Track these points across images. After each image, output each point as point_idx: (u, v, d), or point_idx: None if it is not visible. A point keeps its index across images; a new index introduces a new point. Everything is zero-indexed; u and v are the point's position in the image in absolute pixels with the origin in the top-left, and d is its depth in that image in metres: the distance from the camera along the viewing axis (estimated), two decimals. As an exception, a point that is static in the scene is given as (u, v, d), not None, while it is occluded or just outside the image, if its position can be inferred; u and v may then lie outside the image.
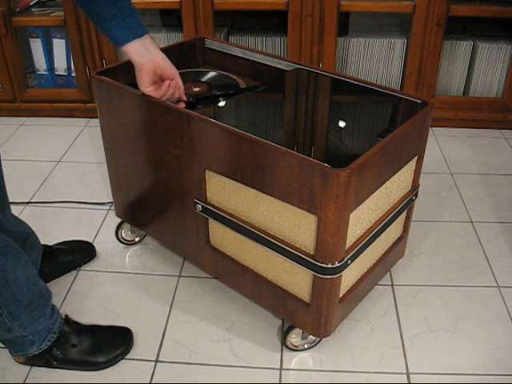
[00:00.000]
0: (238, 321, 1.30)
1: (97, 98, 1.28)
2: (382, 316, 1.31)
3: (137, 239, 1.55)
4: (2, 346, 1.19)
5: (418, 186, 1.28)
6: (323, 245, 1.01)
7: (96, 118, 1.37)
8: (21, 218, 1.34)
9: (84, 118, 2.24)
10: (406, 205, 1.25)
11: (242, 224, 1.14)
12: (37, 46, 2.16)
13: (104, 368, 1.18)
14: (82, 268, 1.46)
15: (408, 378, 1.17)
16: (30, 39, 2.15)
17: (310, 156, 0.96)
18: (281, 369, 1.19)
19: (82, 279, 1.42)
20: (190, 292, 1.38)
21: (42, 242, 1.39)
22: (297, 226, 1.05)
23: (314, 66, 1.36)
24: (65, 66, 2.20)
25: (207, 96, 1.25)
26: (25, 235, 1.30)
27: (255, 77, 1.40)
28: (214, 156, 1.09)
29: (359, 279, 1.21)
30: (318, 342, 1.23)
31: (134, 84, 1.13)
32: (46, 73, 2.22)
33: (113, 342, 1.20)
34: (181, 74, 1.16)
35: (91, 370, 1.18)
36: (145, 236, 1.55)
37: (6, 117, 2.25)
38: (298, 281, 1.12)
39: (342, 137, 1.08)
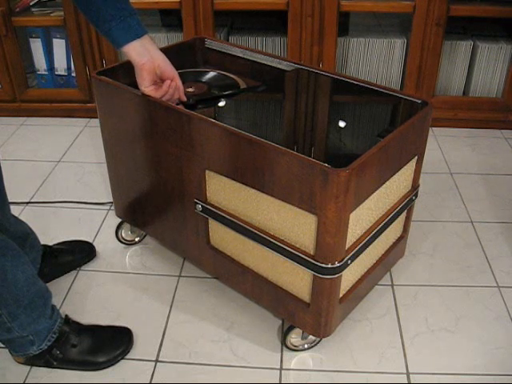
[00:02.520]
0: (238, 321, 1.30)
1: (97, 98, 1.28)
2: (381, 316, 1.31)
3: (137, 239, 1.55)
4: (2, 345, 1.19)
5: (418, 186, 1.28)
6: (323, 245, 1.01)
7: (96, 118, 1.37)
8: (21, 218, 1.34)
9: (84, 118, 2.24)
10: (406, 205, 1.25)
11: (242, 224, 1.14)
12: (37, 46, 2.16)
13: (104, 368, 1.18)
14: (82, 268, 1.46)
15: (408, 378, 1.17)
16: (30, 39, 2.15)
17: (310, 156, 0.96)
18: (281, 369, 1.19)
19: (82, 279, 1.42)
20: (190, 292, 1.38)
21: (42, 242, 1.39)
22: (297, 225, 1.05)
23: (314, 66, 1.36)
24: (65, 66, 2.20)
25: (207, 96, 1.25)
26: (24, 235, 1.30)
27: (255, 77, 1.40)
28: (214, 156, 1.09)
29: (359, 279, 1.21)
30: (318, 342, 1.23)
31: (134, 84, 1.13)
32: (46, 73, 2.22)
33: (113, 342, 1.20)
34: (181, 74, 1.16)
35: (91, 370, 1.18)
36: (145, 236, 1.55)
37: (6, 117, 2.25)
38: (297, 281, 1.12)
39: (342, 137, 1.08)
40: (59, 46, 2.16)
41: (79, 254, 1.45)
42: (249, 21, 2.25)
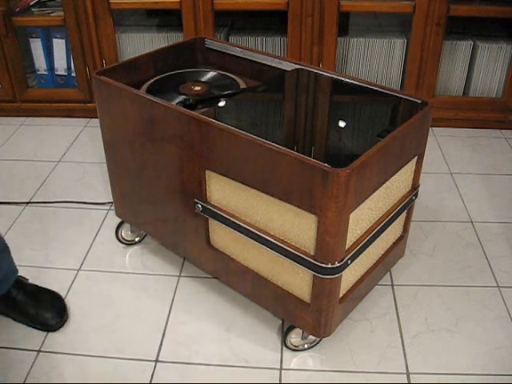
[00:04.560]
0: (238, 321, 1.30)
1: (97, 98, 1.28)
2: (381, 316, 1.31)
3: (137, 239, 1.55)
4: (2, 346, 1.19)
5: (418, 186, 1.28)
6: (323, 245, 1.01)
7: (96, 118, 1.37)
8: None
9: (84, 118, 2.24)
10: (406, 205, 1.25)
11: (242, 224, 1.14)
12: (37, 46, 2.16)
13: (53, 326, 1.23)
14: (82, 268, 1.45)
15: (408, 378, 1.17)
16: (30, 39, 2.15)
17: (310, 156, 0.96)
18: (281, 369, 1.19)
19: (82, 279, 1.42)
20: (190, 292, 1.38)
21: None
22: (297, 226, 1.05)
23: (314, 66, 1.36)
24: (65, 66, 2.20)
25: (207, 96, 1.25)
26: None
27: (255, 77, 1.40)
28: (214, 156, 1.09)
29: (359, 279, 1.21)
30: (318, 342, 1.23)
31: (134, 84, 1.13)
32: (46, 73, 2.22)
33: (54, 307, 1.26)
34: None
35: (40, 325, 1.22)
36: (145, 236, 1.55)
37: (6, 117, 2.25)
38: (297, 281, 1.12)
39: (341, 137, 1.08)
40: (59, 46, 2.16)
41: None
42: (249, 21, 2.25)
